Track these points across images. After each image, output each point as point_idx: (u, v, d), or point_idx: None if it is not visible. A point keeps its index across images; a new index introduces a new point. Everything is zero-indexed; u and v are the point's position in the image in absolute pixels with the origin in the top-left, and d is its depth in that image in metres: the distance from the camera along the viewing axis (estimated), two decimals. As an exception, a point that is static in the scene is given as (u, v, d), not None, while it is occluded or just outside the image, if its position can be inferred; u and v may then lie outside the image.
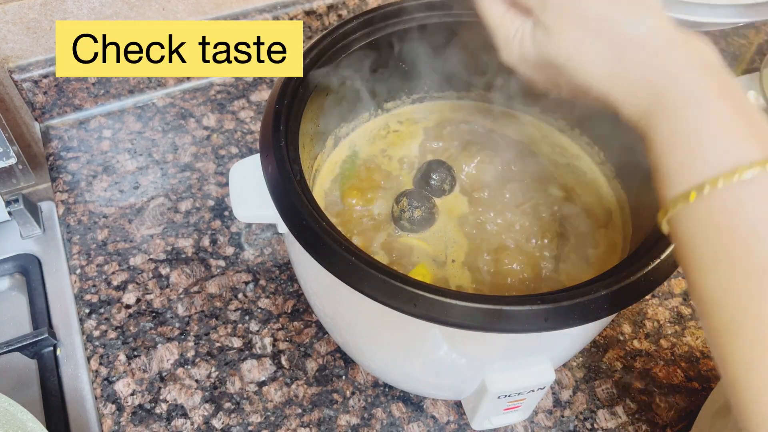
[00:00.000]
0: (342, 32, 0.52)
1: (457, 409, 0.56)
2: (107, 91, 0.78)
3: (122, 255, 0.65)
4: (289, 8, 0.82)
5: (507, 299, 0.37)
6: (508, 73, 0.60)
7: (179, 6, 0.77)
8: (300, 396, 0.56)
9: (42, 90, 0.74)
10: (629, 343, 0.61)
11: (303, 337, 0.60)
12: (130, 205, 0.69)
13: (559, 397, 0.58)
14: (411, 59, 0.59)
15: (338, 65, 0.52)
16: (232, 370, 0.58)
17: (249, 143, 0.76)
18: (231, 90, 0.82)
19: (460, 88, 0.63)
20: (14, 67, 0.72)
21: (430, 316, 0.37)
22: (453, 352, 0.45)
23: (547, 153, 0.59)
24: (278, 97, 0.47)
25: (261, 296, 0.63)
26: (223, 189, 0.71)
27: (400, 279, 0.37)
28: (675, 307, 0.64)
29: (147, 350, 0.59)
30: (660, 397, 0.58)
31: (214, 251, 0.66)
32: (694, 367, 0.60)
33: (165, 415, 0.55)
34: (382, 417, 0.56)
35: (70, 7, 0.71)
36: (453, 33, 0.58)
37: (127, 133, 0.76)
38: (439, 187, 0.55)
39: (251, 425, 0.55)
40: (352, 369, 0.58)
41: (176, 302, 0.62)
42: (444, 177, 0.55)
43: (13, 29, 0.70)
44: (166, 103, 0.80)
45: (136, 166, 0.73)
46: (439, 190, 0.55)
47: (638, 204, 0.53)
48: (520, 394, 0.46)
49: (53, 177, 0.72)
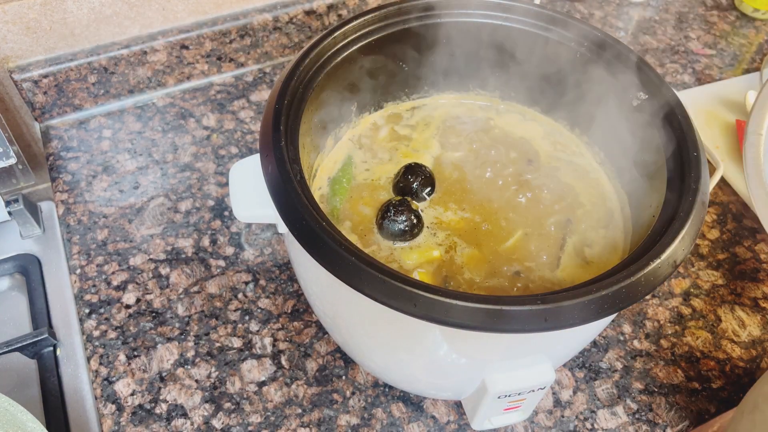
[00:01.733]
0: (342, 32, 0.53)
1: (457, 409, 0.56)
2: (107, 91, 0.78)
3: (122, 255, 0.65)
4: (289, 8, 0.82)
5: (507, 299, 0.37)
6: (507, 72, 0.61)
7: (179, 6, 0.77)
8: (300, 396, 0.56)
9: (42, 90, 0.74)
10: (629, 343, 0.61)
11: (303, 337, 0.60)
12: (130, 205, 0.69)
13: (559, 397, 0.58)
14: (411, 59, 0.59)
15: (338, 65, 0.52)
16: (232, 370, 0.58)
17: (249, 143, 0.76)
18: (231, 90, 0.82)
19: (459, 87, 0.63)
20: (14, 67, 0.72)
21: (430, 316, 0.37)
22: (453, 352, 0.45)
23: (548, 151, 0.59)
24: (278, 97, 0.47)
25: (261, 296, 0.63)
26: (223, 189, 0.71)
27: (400, 279, 0.37)
28: (675, 307, 0.64)
29: (147, 350, 0.59)
30: (660, 397, 0.58)
31: (214, 251, 0.66)
32: (694, 367, 0.60)
33: (165, 415, 0.55)
34: (382, 417, 0.56)
35: (70, 7, 0.71)
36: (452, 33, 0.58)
37: (127, 133, 0.76)
38: (418, 192, 0.54)
39: (251, 425, 0.55)
40: (352, 369, 0.58)
41: (176, 302, 0.62)
42: (422, 182, 0.54)
43: (13, 29, 0.70)
44: (166, 103, 0.80)
45: (136, 166, 0.73)
46: (418, 196, 0.54)
47: (638, 204, 0.53)
48: (520, 394, 0.46)
49: (53, 177, 0.72)
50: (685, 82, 0.88)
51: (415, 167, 0.55)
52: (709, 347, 0.61)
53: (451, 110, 0.63)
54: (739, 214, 0.72)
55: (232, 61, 0.83)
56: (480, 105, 0.63)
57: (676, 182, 0.45)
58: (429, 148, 0.59)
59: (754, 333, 0.62)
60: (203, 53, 0.80)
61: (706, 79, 0.88)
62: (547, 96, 0.60)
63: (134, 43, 0.76)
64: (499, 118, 0.62)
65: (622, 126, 0.54)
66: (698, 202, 0.43)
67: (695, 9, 0.99)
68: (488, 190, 0.56)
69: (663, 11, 0.98)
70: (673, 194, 0.44)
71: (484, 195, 0.55)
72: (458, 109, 0.63)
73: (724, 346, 0.62)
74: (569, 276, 0.51)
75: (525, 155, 0.59)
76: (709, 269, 0.67)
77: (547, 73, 0.58)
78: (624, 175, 0.56)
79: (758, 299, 0.65)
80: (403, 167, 0.55)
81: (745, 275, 0.67)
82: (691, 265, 0.68)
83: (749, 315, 0.64)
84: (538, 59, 0.58)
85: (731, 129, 0.80)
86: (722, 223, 0.72)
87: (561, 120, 0.61)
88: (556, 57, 0.56)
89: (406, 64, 0.59)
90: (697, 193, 0.43)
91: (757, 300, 0.65)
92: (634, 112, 0.52)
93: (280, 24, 0.82)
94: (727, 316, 0.64)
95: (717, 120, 0.81)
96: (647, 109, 0.51)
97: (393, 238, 0.51)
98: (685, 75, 0.89)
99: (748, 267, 0.68)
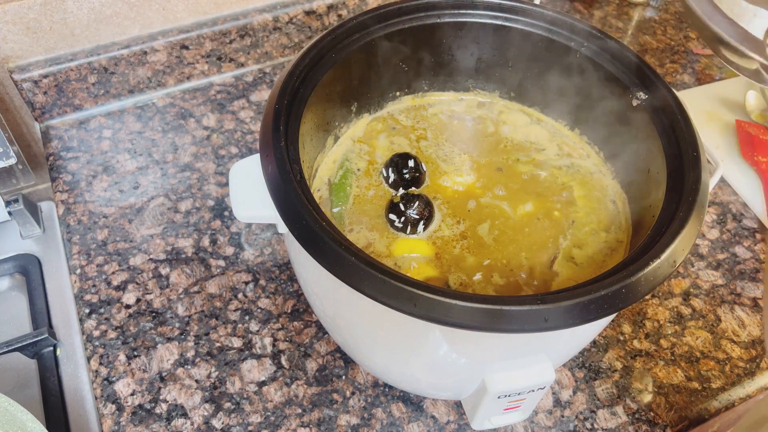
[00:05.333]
0: (342, 32, 0.53)
1: (457, 409, 0.56)
2: (107, 91, 0.78)
3: (122, 255, 0.65)
4: (289, 8, 0.82)
5: (507, 299, 0.37)
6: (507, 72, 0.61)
7: (179, 6, 0.77)
8: (300, 396, 0.56)
9: (42, 90, 0.74)
10: (629, 343, 0.61)
11: (303, 337, 0.60)
12: (130, 205, 0.69)
13: (559, 397, 0.58)
14: (411, 59, 0.59)
15: (338, 65, 0.52)
16: (232, 370, 0.58)
17: (249, 143, 0.76)
18: (231, 90, 0.82)
19: (459, 86, 0.63)
20: (14, 67, 0.72)
21: (430, 316, 0.37)
22: (453, 352, 0.45)
23: (549, 150, 0.59)
24: (278, 97, 0.47)
25: (261, 296, 0.63)
26: (223, 189, 0.71)
27: (400, 279, 0.37)
28: (675, 307, 0.64)
29: (147, 350, 0.59)
30: (660, 397, 0.58)
31: (214, 251, 0.66)
32: (694, 367, 0.60)
33: (165, 415, 0.55)
34: (382, 417, 0.56)
35: (70, 7, 0.71)
36: (452, 32, 0.58)
37: (127, 133, 0.76)
38: (411, 181, 0.55)
39: (251, 425, 0.55)
40: (352, 369, 0.58)
41: (176, 302, 0.62)
42: (413, 172, 0.55)
43: (13, 29, 0.70)
44: (166, 103, 0.80)
45: (136, 166, 0.73)
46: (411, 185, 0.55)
47: (638, 204, 0.53)
48: (520, 394, 0.46)
49: (53, 177, 0.72)
50: (685, 82, 0.88)
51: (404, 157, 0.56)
52: (709, 347, 0.61)
53: (451, 109, 0.63)
54: (739, 214, 0.72)
55: (232, 61, 0.83)
56: (480, 104, 0.63)
57: (676, 182, 0.45)
58: (429, 147, 0.59)
59: (754, 333, 0.62)
60: (203, 53, 0.80)
61: (706, 79, 0.88)
62: (547, 96, 0.61)
63: (134, 43, 0.76)
64: (500, 118, 0.62)
65: (622, 126, 0.54)
66: (698, 202, 0.43)
67: (695, 9, 0.99)
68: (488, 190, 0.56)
69: (663, 11, 0.98)
70: (673, 194, 0.44)
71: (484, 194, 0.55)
72: (458, 108, 0.63)
73: (724, 346, 0.62)
74: (569, 276, 0.51)
75: (525, 155, 0.59)
76: (708, 269, 0.67)
77: (547, 72, 0.58)
78: (624, 175, 0.56)
79: (758, 299, 0.65)
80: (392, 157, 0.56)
81: (745, 275, 0.67)
82: (691, 265, 0.68)
83: (749, 315, 0.64)
84: (538, 59, 0.58)
85: (731, 129, 0.80)
86: (722, 223, 0.72)
87: (561, 120, 0.61)
88: (556, 57, 0.56)
89: (406, 64, 0.59)
90: (697, 193, 0.43)
91: (757, 300, 0.65)
92: (634, 112, 0.52)
93: (280, 24, 0.82)
94: (727, 316, 0.64)
95: (717, 120, 0.81)
96: (647, 109, 0.51)
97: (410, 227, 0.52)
98: (685, 75, 0.89)
99: (748, 267, 0.68)
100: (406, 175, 0.55)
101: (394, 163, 0.55)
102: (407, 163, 0.55)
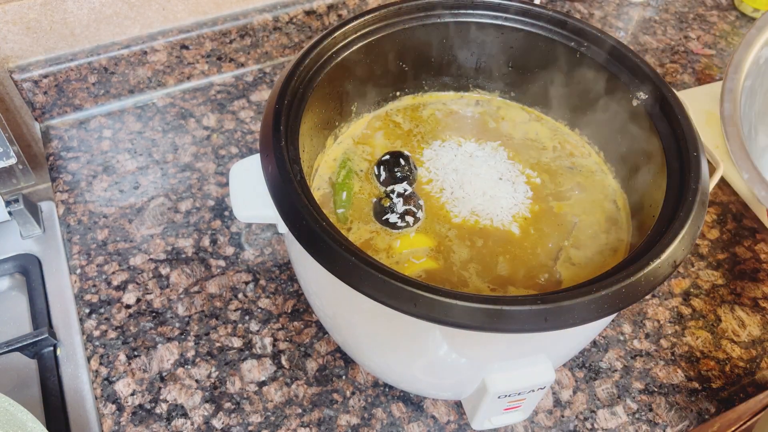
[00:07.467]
0: (342, 32, 0.53)
1: (457, 409, 0.56)
2: (107, 91, 0.78)
3: (122, 255, 0.65)
4: (289, 8, 0.82)
5: (507, 299, 0.37)
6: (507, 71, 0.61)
7: (179, 6, 0.77)
8: (300, 396, 0.56)
9: (42, 90, 0.74)
10: (629, 343, 0.61)
11: (303, 337, 0.60)
12: (130, 205, 0.69)
13: (559, 397, 0.58)
14: (411, 59, 0.59)
15: (338, 65, 0.52)
16: (232, 370, 0.58)
17: (249, 143, 0.76)
18: (231, 90, 0.82)
19: (459, 86, 0.63)
20: (14, 67, 0.72)
21: (430, 316, 0.37)
22: (453, 352, 0.45)
23: (549, 151, 0.59)
24: (278, 97, 0.47)
25: (261, 296, 0.63)
26: (223, 189, 0.71)
27: (400, 279, 0.37)
28: (675, 307, 0.64)
29: (147, 350, 0.59)
30: (660, 397, 0.58)
31: (214, 251, 0.66)
32: (694, 367, 0.60)
33: (165, 415, 0.55)
34: (382, 417, 0.56)
35: (70, 7, 0.71)
36: (452, 33, 0.58)
37: (127, 133, 0.76)
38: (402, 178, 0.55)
39: (251, 425, 0.55)
40: (352, 369, 0.58)
41: (176, 302, 0.62)
42: (403, 169, 0.55)
43: (13, 29, 0.70)
44: (166, 103, 0.80)
45: (136, 166, 0.73)
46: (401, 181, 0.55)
47: (638, 204, 0.53)
48: (520, 394, 0.46)
49: (53, 177, 0.72)
50: (685, 82, 0.88)
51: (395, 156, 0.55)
52: (709, 347, 0.61)
53: (451, 109, 0.63)
54: (739, 214, 0.72)
55: (232, 61, 0.83)
56: (480, 104, 0.63)
57: (676, 182, 0.45)
58: (429, 146, 0.59)
59: (754, 333, 0.62)
60: (203, 53, 0.80)
61: (706, 79, 0.88)
62: (548, 95, 0.61)
63: (134, 43, 0.76)
64: (500, 117, 0.62)
65: (622, 126, 0.54)
66: (698, 202, 0.43)
67: (695, 9, 0.99)
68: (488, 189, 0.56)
69: (663, 11, 0.98)
70: (673, 194, 0.44)
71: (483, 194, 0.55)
72: (458, 107, 0.63)
73: (724, 346, 0.62)
74: (569, 276, 0.51)
75: (526, 154, 0.59)
76: (709, 269, 0.67)
77: (547, 72, 0.59)
78: (624, 175, 0.56)
79: (758, 299, 0.65)
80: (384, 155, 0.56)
81: (745, 275, 0.67)
82: (691, 265, 0.68)
83: (749, 315, 0.64)
84: (538, 59, 0.58)
85: (731, 129, 0.80)
86: (722, 223, 0.72)
87: (561, 120, 0.61)
88: (556, 57, 0.56)
89: (406, 63, 0.59)
90: (697, 193, 0.43)
91: (757, 300, 0.65)
92: (634, 112, 0.52)
93: (280, 24, 0.82)
94: (727, 316, 0.64)
95: (717, 120, 0.81)
96: (647, 108, 0.51)
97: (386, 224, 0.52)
98: (685, 75, 0.89)
99: (748, 267, 0.68)
100: (397, 173, 0.55)
101: (386, 162, 0.55)
102: (398, 161, 0.55)
